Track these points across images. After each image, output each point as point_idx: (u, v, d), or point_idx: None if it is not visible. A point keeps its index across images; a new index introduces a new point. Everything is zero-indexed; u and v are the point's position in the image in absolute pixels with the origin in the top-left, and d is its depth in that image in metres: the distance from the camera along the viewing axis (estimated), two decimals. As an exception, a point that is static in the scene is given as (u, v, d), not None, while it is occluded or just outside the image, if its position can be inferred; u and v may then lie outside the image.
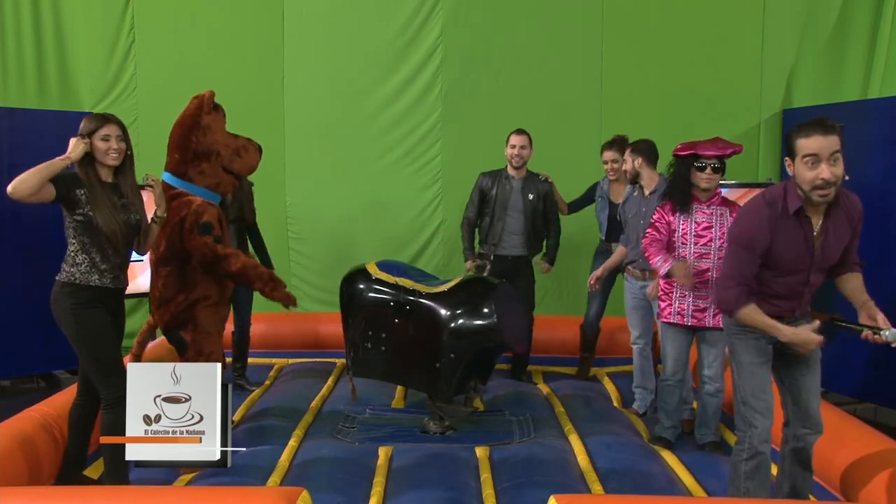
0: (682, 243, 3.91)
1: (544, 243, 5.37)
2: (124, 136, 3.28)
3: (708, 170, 3.84)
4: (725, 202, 3.97)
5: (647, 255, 4.02)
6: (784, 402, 3.06)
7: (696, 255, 3.90)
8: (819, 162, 2.66)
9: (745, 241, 2.85)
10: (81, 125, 3.23)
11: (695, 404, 4.32)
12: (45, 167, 3.07)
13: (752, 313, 2.84)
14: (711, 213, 3.90)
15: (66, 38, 6.28)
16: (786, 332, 2.80)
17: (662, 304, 4.03)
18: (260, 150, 4.20)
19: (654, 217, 4.02)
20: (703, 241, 3.89)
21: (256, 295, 4.48)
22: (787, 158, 2.81)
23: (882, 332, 2.70)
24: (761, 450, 2.91)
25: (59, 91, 6.28)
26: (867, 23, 5.98)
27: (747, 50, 6.22)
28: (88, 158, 3.22)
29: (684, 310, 3.94)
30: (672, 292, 3.97)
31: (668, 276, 3.92)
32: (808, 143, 2.68)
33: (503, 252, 5.17)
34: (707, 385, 4.02)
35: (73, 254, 3.23)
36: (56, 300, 3.24)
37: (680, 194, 3.92)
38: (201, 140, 3.89)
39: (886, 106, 5.08)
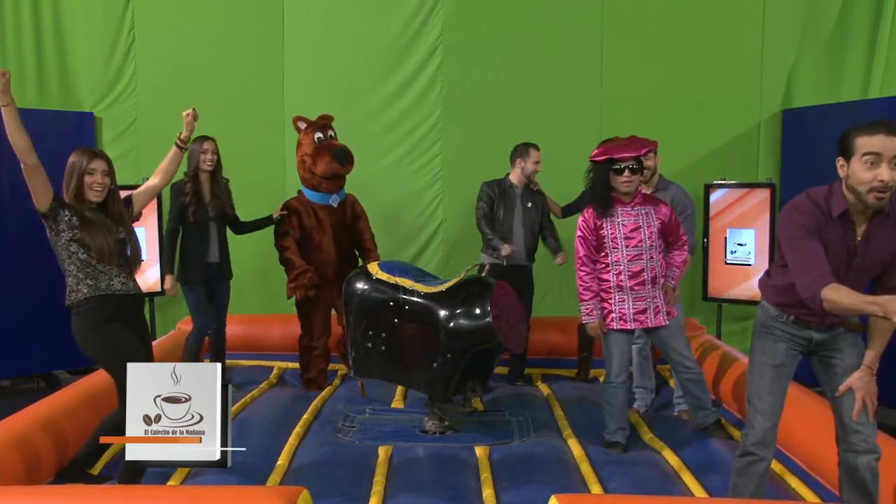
0: (614, 247, 3.90)
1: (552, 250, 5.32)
2: (109, 172, 3.30)
3: (626, 172, 3.82)
4: (647, 200, 3.95)
5: (579, 284, 3.97)
6: (834, 416, 2.91)
7: (628, 257, 3.89)
8: (880, 162, 2.48)
9: (800, 232, 2.63)
10: (71, 158, 3.26)
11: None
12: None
13: (837, 295, 2.45)
14: (637, 214, 3.90)
15: (66, 38, 6.28)
16: (885, 303, 2.33)
17: (605, 311, 3.97)
18: (334, 153, 5.00)
19: (578, 226, 3.97)
20: (633, 242, 3.88)
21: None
22: (839, 159, 2.61)
23: None
24: (753, 451, 2.89)
25: (59, 91, 6.28)
26: (867, 23, 5.98)
27: (747, 50, 6.21)
28: (78, 195, 3.23)
29: (625, 314, 3.93)
30: (610, 299, 3.95)
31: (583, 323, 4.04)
32: (870, 142, 2.50)
33: (511, 262, 5.09)
34: (683, 373, 4.05)
35: (73, 274, 3.23)
36: (77, 328, 3.24)
37: (599, 199, 3.90)
38: (298, 153, 5.16)
39: (886, 106, 5.08)
